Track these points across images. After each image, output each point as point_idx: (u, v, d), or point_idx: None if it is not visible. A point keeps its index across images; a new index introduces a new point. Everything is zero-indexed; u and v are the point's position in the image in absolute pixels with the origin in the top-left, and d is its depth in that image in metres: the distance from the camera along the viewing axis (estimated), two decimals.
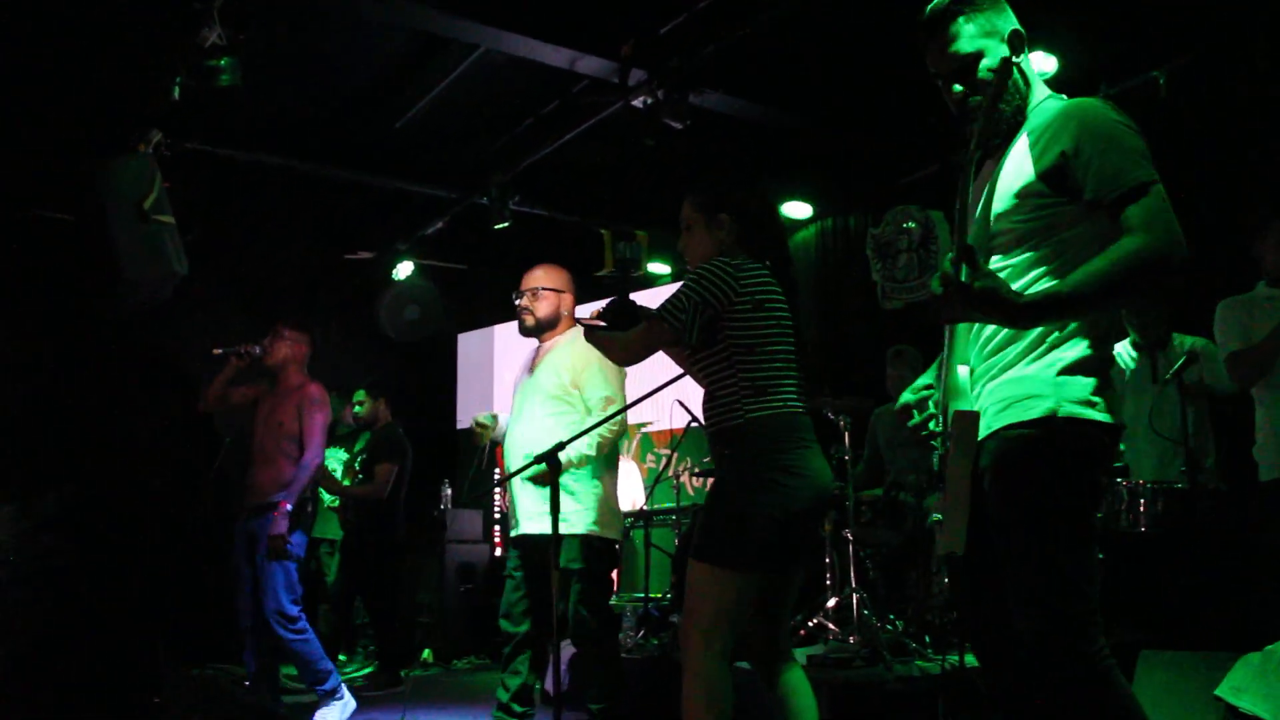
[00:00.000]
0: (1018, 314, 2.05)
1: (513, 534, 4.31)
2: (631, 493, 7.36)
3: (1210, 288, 4.51)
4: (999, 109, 2.27)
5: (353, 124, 6.82)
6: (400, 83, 6.36)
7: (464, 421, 8.64)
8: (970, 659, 4.54)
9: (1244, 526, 4.39)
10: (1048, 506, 2.15)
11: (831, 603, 5.12)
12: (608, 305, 3.20)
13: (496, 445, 4.78)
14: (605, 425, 4.02)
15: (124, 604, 6.42)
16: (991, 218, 2.29)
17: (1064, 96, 2.36)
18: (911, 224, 6.84)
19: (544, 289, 4.35)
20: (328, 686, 5.15)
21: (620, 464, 4.42)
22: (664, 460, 7.70)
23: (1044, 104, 2.34)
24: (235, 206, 7.39)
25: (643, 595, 6.52)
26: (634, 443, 7.81)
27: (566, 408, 4.20)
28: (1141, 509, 4.49)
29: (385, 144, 7.04)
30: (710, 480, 7.02)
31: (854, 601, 4.88)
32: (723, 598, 2.80)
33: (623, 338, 3.14)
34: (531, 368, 4.39)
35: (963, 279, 2.04)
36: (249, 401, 5.42)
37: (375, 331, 8.33)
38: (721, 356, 2.94)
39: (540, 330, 4.38)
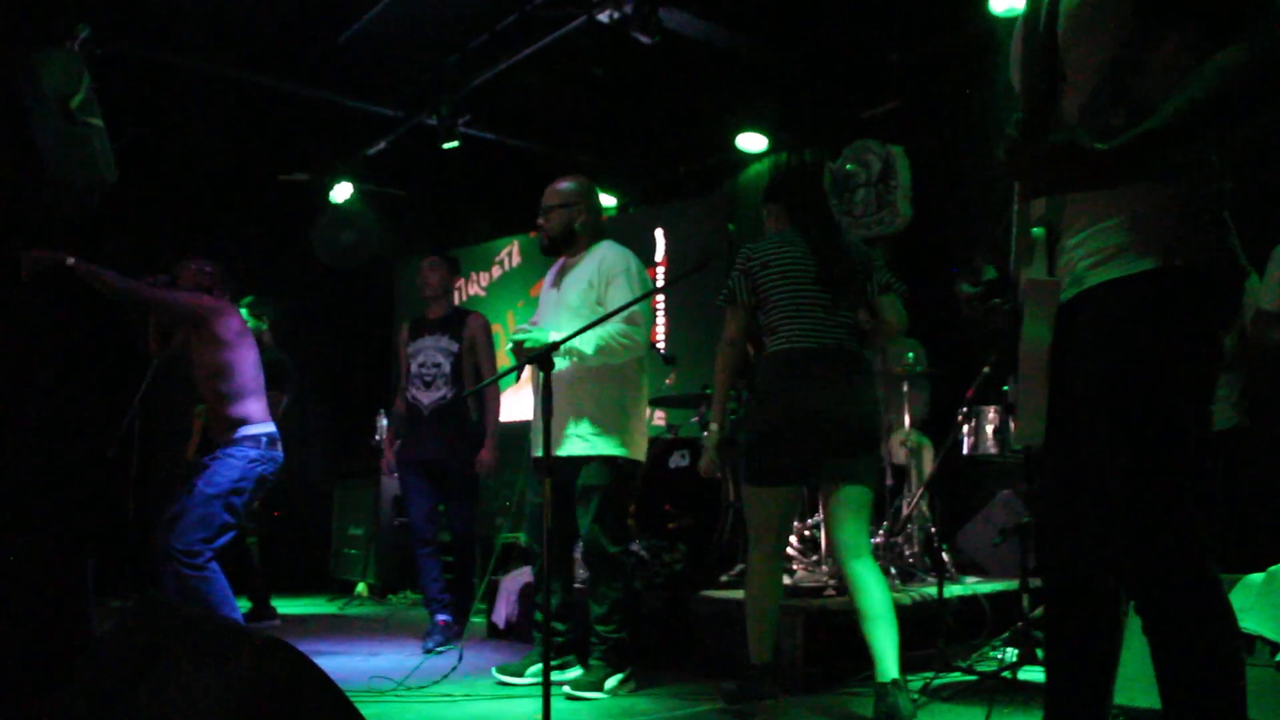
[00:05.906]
0: (1105, 165, 1.68)
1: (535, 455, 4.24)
2: None
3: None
4: None
5: (296, 34, 6.46)
6: None
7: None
8: (950, 589, 4.52)
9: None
10: (1166, 380, 1.78)
11: (792, 536, 5.02)
12: None
13: None
14: (615, 330, 3.95)
15: (44, 535, 6.08)
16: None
17: None
18: (871, 158, 6.72)
19: (553, 205, 4.31)
20: None
21: None
22: None
23: None
24: (166, 115, 6.96)
25: None
26: None
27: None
28: None
29: (330, 57, 6.68)
30: (656, 411, 6.95)
31: (822, 533, 4.79)
32: (751, 509, 3.61)
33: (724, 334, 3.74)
34: (557, 282, 4.35)
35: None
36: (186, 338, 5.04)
37: (310, 255, 7.97)
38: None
39: (555, 247, 4.35)
